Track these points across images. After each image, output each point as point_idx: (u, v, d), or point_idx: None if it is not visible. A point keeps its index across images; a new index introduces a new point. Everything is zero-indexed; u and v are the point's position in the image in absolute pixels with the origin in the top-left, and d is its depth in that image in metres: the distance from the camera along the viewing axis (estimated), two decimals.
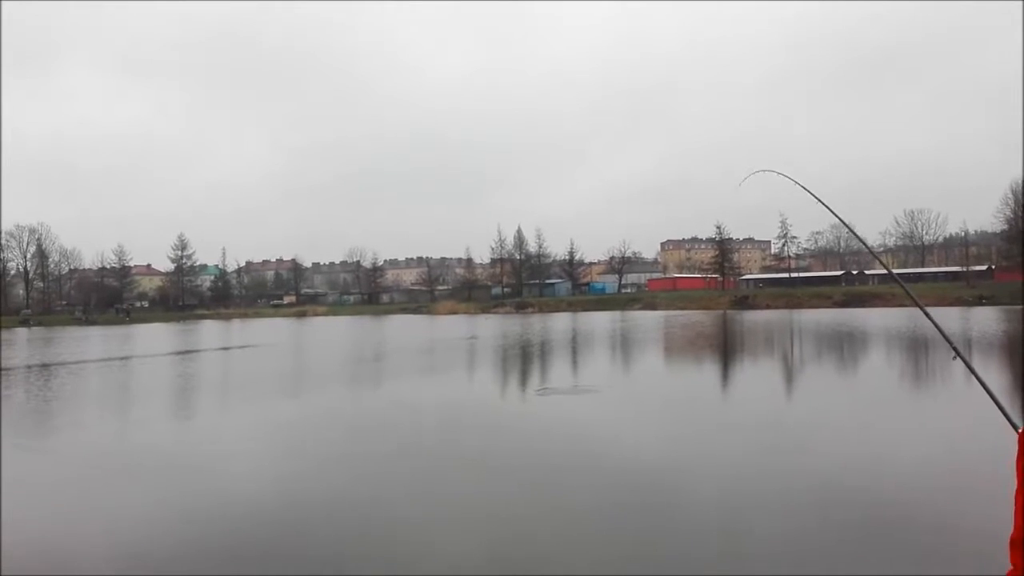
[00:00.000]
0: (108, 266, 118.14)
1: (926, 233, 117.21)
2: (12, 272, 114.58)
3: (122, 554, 6.33)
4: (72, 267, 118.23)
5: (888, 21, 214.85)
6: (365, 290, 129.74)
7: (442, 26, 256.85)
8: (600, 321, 55.96)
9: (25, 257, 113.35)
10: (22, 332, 69.31)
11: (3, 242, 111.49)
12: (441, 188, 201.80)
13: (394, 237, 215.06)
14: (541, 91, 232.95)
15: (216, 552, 6.35)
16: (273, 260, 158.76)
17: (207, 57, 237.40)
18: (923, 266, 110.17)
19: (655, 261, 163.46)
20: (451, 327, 53.67)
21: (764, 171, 5.33)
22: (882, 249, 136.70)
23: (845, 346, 29.49)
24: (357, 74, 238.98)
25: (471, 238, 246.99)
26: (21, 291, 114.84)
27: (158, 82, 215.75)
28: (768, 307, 71.78)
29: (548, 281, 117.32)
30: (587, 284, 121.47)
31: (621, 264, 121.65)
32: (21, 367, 27.36)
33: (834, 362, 24.52)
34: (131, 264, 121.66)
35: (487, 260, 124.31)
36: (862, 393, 16.46)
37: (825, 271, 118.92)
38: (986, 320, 41.05)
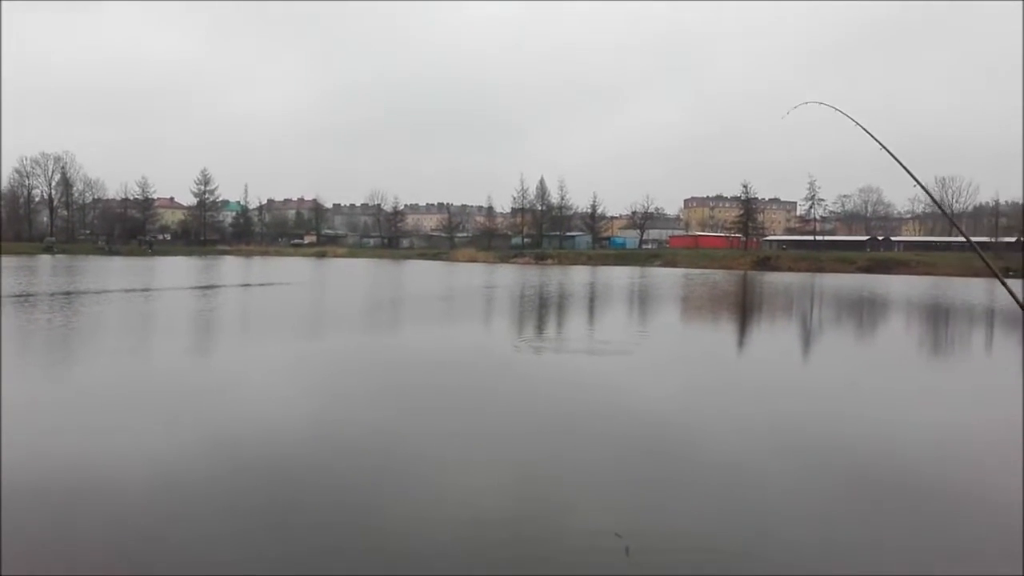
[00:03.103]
0: (132, 197, 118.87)
1: (956, 201, 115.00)
2: (37, 199, 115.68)
3: (143, 472, 6.45)
4: (96, 197, 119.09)
5: None
6: (385, 233, 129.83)
7: None
8: (619, 276, 55.78)
9: (50, 185, 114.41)
10: (46, 259, 70.22)
11: (28, 169, 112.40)
12: (465, 133, 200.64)
13: (416, 181, 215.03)
14: (572, 40, 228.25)
15: (233, 476, 6.45)
16: (295, 199, 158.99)
17: None
18: (951, 235, 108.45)
19: (678, 218, 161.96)
20: (470, 275, 53.74)
21: (813, 103, 5.20)
22: (910, 216, 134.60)
23: (864, 312, 29.24)
24: (388, 14, 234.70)
25: (493, 186, 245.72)
26: (45, 218, 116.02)
27: (189, 7, 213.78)
28: (790, 269, 71.12)
29: (569, 234, 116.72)
30: (608, 238, 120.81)
31: (643, 220, 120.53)
32: (45, 294, 27.74)
33: (852, 328, 24.34)
34: (154, 196, 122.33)
35: (508, 209, 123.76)
36: (875, 359, 16.35)
37: (851, 235, 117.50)
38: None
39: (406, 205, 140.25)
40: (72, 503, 5.91)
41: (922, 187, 4.19)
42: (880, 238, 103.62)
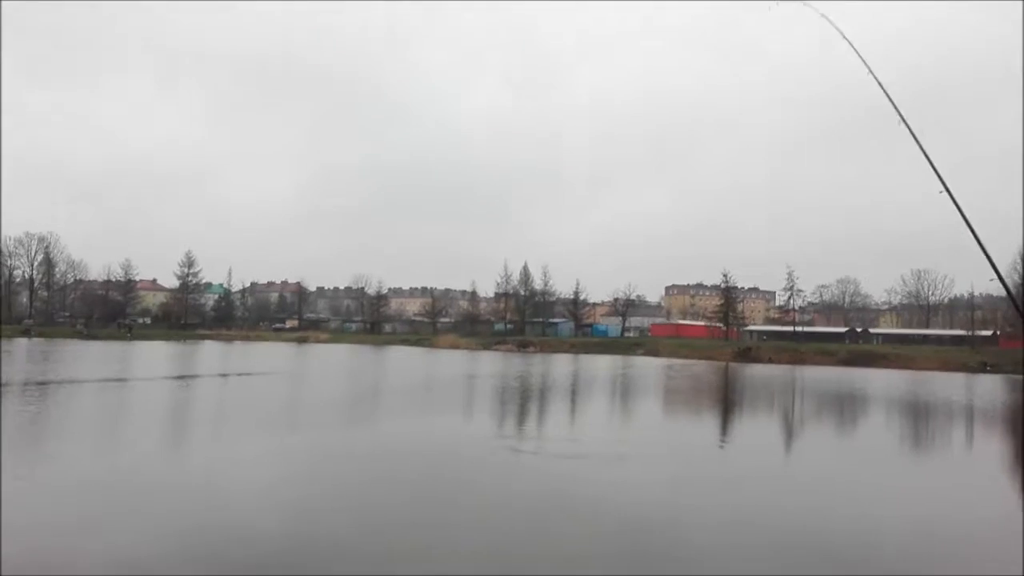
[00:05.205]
0: (114, 279, 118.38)
1: (932, 294, 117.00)
2: (17, 280, 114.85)
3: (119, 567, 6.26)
4: (78, 278, 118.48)
5: (895, 74, 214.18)
6: (368, 318, 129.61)
7: (466, 60, 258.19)
8: (602, 365, 55.72)
9: (32, 265, 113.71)
10: (22, 343, 69.25)
11: (11, 249, 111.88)
12: (450, 217, 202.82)
13: (400, 265, 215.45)
14: (557, 129, 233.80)
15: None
16: (278, 282, 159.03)
17: (231, 74, 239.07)
18: (928, 327, 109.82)
19: (659, 305, 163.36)
20: (451, 362, 53.48)
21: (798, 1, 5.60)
22: (887, 307, 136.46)
23: (848, 408, 29.24)
24: (376, 101, 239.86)
25: (477, 271, 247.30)
26: (25, 299, 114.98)
27: (184, 97, 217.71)
28: (771, 361, 71.39)
29: (551, 320, 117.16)
30: (590, 325, 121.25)
31: (625, 307, 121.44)
32: (18, 383, 27.23)
33: (835, 424, 24.26)
34: (137, 278, 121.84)
35: (491, 294, 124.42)
36: (859, 455, 16.27)
37: (829, 326, 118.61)
38: (990, 390, 40.75)
39: (390, 289, 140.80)
40: None
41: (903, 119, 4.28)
42: (859, 330, 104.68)
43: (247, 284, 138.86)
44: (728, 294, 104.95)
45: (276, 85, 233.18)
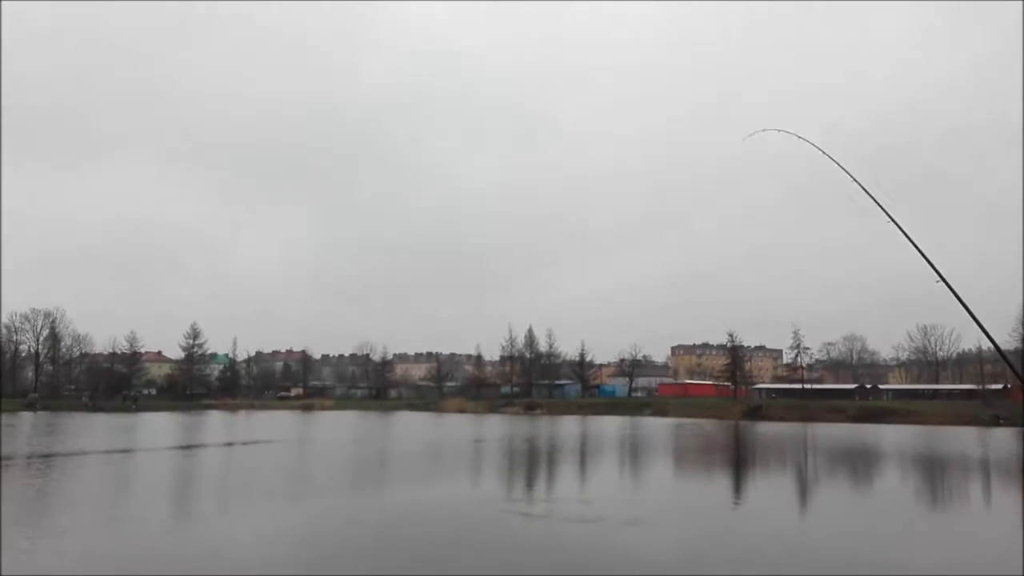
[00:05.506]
0: (119, 351, 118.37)
1: (939, 349, 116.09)
2: (23, 355, 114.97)
3: None
4: (83, 351, 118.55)
5: (904, 128, 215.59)
6: (373, 384, 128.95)
7: (470, 129, 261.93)
8: (610, 426, 55.13)
9: (38, 340, 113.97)
10: (27, 416, 68.85)
11: (17, 325, 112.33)
12: (453, 282, 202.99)
13: (404, 330, 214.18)
14: (561, 191, 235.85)
15: None
16: (283, 351, 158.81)
17: (235, 148, 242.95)
18: (937, 382, 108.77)
19: (665, 365, 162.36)
20: (458, 427, 52.99)
21: (773, 130, 5.61)
22: (895, 363, 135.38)
23: (871, 467, 28.80)
24: (380, 169, 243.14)
25: (482, 334, 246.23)
26: (31, 373, 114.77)
27: (189, 170, 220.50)
28: (781, 419, 70.55)
29: (558, 382, 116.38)
30: (597, 386, 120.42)
31: (631, 367, 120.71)
32: (22, 456, 27.01)
33: (855, 484, 23.84)
34: (142, 351, 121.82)
35: (497, 358, 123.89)
36: (879, 521, 15.99)
37: (837, 383, 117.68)
38: (1004, 443, 40.20)
39: (395, 355, 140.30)
40: None
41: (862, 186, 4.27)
42: (868, 386, 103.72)
43: (252, 353, 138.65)
44: (734, 353, 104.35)
45: (281, 157, 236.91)
